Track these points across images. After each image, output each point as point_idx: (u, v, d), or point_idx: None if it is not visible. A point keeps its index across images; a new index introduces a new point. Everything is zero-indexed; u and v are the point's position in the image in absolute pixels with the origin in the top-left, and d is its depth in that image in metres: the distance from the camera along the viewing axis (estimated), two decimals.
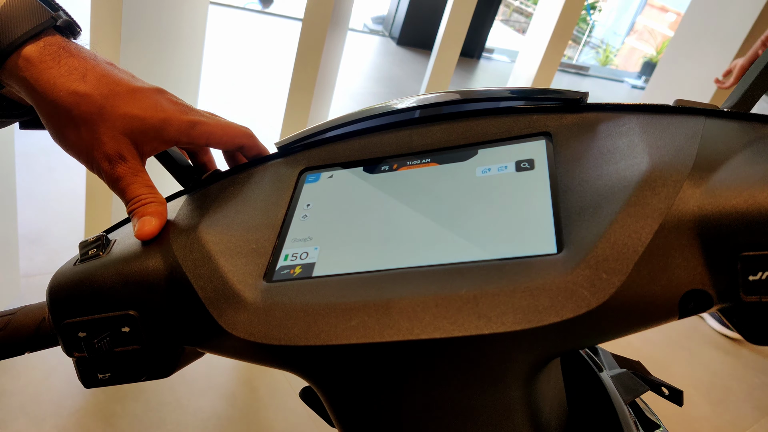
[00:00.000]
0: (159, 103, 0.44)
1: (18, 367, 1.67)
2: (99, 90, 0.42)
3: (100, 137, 0.42)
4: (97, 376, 0.44)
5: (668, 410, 2.04)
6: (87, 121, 0.42)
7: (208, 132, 0.46)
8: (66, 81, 0.41)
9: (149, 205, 0.44)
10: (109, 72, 0.44)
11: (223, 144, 0.48)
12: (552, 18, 2.70)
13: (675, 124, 0.37)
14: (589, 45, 12.06)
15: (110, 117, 0.42)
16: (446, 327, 0.32)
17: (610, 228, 0.32)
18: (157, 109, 0.44)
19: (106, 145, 0.42)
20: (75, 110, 0.41)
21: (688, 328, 2.67)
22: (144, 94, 0.44)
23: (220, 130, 0.47)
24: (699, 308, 0.31)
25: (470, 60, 7.59)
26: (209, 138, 0.47)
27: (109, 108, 0.42)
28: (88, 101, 0.41)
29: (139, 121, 0.43)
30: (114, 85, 0.43)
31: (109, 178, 0.44)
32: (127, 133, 0.43)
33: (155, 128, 0.44)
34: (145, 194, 0.45)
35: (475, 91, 0.46)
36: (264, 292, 0.39)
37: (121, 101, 0.43)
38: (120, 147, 0.43)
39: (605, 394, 0.44)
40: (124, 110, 0.42)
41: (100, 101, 0.42)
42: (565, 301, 0.31)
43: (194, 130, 0.45)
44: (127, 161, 0.43)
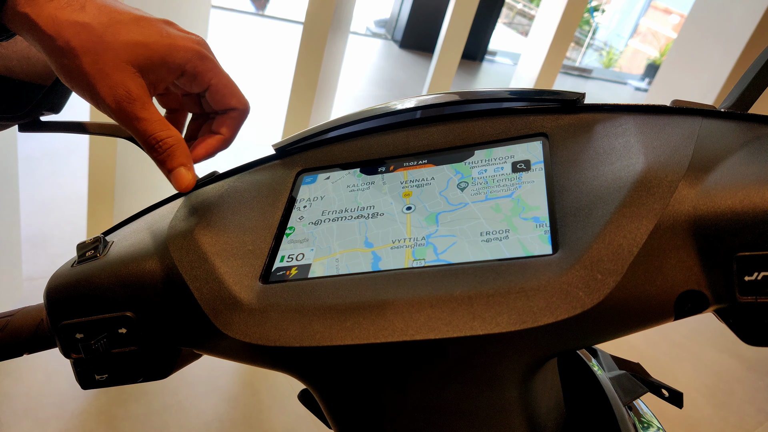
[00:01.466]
0: (165, 30, 0.42)
1: (20, 369, 1.67)
2: (99, 19, 0.40)
3: (102, 68, 0.40)
4: (94, 377, 0.44)
5: (670, 413, 2.04)
6: (88, 51, 0.40)
7: (214, 71, 0.44)
8: (65, 12, 0.39)
9: (172, 151, 0.43)
10: (111, 3, 0.42)
11: (222, 93, 0.46)
12: (554, 20, 2.70)
13: (671, 124, 0.37)
14: (593, 47, 12.06)
15: (112, 46, 0.40)
16: (441, 328, 0.32)
17: (605, 229, 0.32)
18: (162, 35, 0.42)
19: (110, 76, 0.40)
20: (74, 40, 0.39)
21: (690, 330, 2.66)
22: (149, 22, 0.42)
23: (226, 78, 0.45)
24: (695, 309, 0.31)
25: (473, 63, 7.60)
26: (212, 79, 0.44)
27: (110, 36, 0.40)
28: (88, 30, 0.40)
29: (144, 47, 0.41)
30: (115, 14, 0.41)
31: (116, 114, 0.42)
32: (132, 61, 0.41)
33: (161, 54, 0.41)
34: (159, 132, 0.43)
35: (472, 92, 0.46)
36: (260, 293, 0.39)
37: (124, 29, 0.40)
38: (125, 78, 0.41)
39: (603, 395, 0.44)
40: (126, 38, 0.40)
41: (100, 30, 0.40)
42: (560, 301, 0.31)
43: (202, 62, 0.43)
44: (132, 93, 0.41)
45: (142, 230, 0.46)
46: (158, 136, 0.43)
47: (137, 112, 0.41)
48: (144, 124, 0.42)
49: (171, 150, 0.43)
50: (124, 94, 0.41)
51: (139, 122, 0.42)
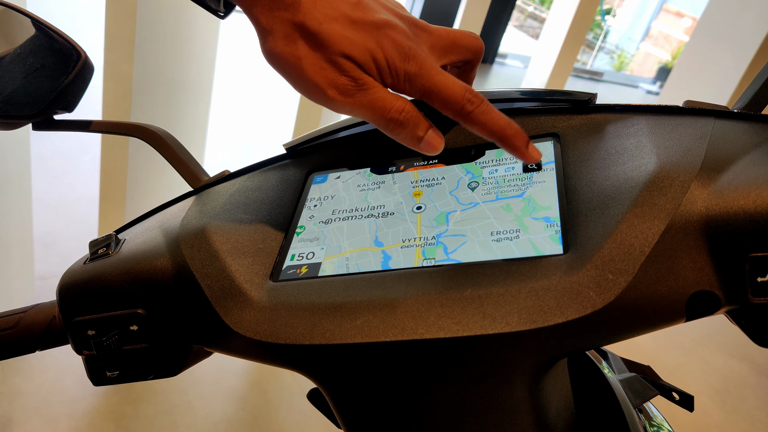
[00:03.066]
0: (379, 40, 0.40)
1: (32, 368, 1.68)
2: (313, 16, 0.39)
3: (316, 62, 0.39)
4: (105, 374, 0.44)
5: (681, 418, 2.02)
6: (302, 47, 0.39)
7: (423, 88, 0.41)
8: (279, 7, 0.39)
9: (415, 118, 0.41)
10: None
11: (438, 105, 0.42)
12: (565, 23, 2.69)
13: (684, 124, 0.37)
14: (604, 50, 12.01)
15: (326, 41, 0.39)
16: (451, 327, 0.32)
17: (617, 228, 0.32)
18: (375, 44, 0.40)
19: (325, 69, 0.40)
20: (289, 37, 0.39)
21: (701, 335, 2.64)
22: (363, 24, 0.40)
23: (437, 90, 0.41)
24: (707, 310, 0.31)
25: (483, 65, 7.59)
26: (423, 94, 0.41)
27: (324, 33, 0.39)
28: (301, 28, 0.39)
29: (358, 48, 0.40)
30: (330, 10, 0.40)
31: (339, 102, 0.40)
32: (345, 54, 0.40)
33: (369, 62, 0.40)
34: (396, 104, 0.40)
35: (484, 92, 0.46)
36: (270, 291, 0.39)
37: (337, 26, 0.40)
38: (341, 66, 0.40)
39: (613, 398, 0.44)
40: (342, 33, 0.39)
41: (314, 27, 0.39)
42: (570, 301, 0.31)
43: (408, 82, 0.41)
44: (353, 75, 0.40)
45: (154, 228, 0.46)
46: (398, 107, 0.40)
47: (369, 93, 0.40)
48: (380, 101, 0.40)
49: (414, 118, 0.41)
50: (347, 80, 0.39)
51: (374, 101, 0.40)
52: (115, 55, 1.58)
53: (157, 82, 1.71)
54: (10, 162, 1.59)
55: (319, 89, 0.40)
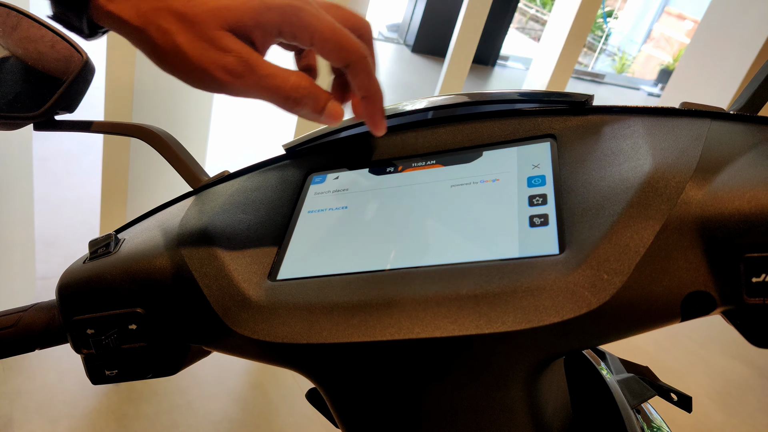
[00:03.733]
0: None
1: (33, 368, 1.69)
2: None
3: (197, 44, 0.37)
4: (104, 372, 0.44)
5: (682, 420, 2.02)
6: (178, 33, 0.37)
7: (312, 26, 0.38)
8: (145, 2, 0.37)
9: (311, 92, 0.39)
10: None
11: (326, 49, 0.39)
12: (566, 25, 2.70)
13: (680, 126, 0.37)
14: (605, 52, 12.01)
15: (199, 18, 0.36)
16: (447, 326, 0.33)
17: (612, 229, 0.32)
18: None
19: (209, 49, 0.37)
20: (163, 24, 0.37)
21: (702, 337, 2.64)
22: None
23: (330, 29, 0.39)
24: (702, 310, 0.31)
25: (484, 67, 7.59)
26: (313, 34, 0.39)
27: (195, 10, 0.37)
28: (172, 13, 0.37)
29: (233, 11, 0.37)
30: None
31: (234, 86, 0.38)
32: (224, 26, 0.37)
33: (252, 16, 0.37)
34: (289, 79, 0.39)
35: (481, 94, 0.46)
36: (268, 290, 0.39)
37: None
38: (226, 44, 0.37)
39: (611, 398, 0.44)
40: (212, 5, 0.37)
41: (182, 9, 0.36)
42: (565, 301, 0.31)
43: (296, 17, 0.38)
44: (242, 55, 0.37)
45: (154, 228, 0.47)
46: (293, 83, 0.38)
47: (257, 71, 0.38)
48: (269, 80, 0.38)
49: (312, 91, 0.39)
50: (234, 59, 0.37)
51: (265, 80, 0.38)
52: (117, 56, 1.59)
53: (158, 82, 1.71)
54: (12, 162, 1.60)
55: (208, 73, 0.37)
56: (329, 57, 0.40)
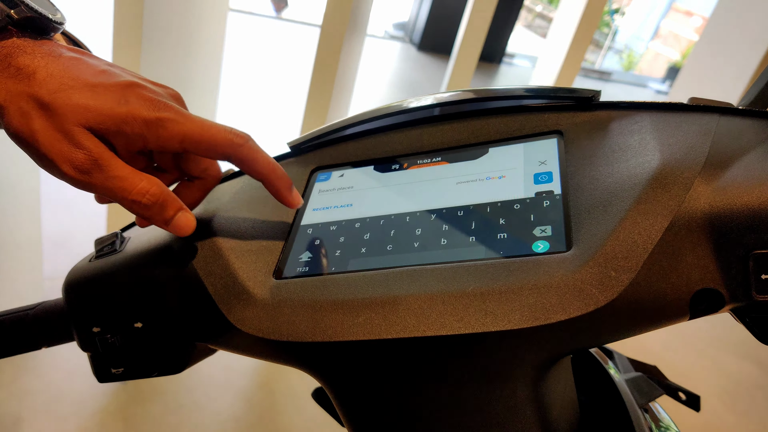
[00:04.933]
0: (123, 97, 0.38)
1: (41, 367, 1.69)
2: (47, 87, 0.37)
3: (52, 134, 0.37)
4: (110, 370, 0.44)
5: (690, 420, 2.01)
6: (36, 119, 0.37)
7: (181, 133, 0.38)
8: (14, 82, 0.37)
9: (162, 200, 0.39)
10: (68, 67, 0.38)
11: (203, 150, 0.40)
12: (572, 22, 2.68)
13: (688, 121, 0.37)
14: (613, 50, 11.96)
15: (60, 110, 0.36)
16: (453, 324, 0.32)
17: (620, 225, 0.32)
18: (118, 103, 0.38)
19: (62, 141, 0.37)
20: (25, 108, 0.37)
21: (711, 336, 2.62)
22: (105, 88, 0.38)
23: (198, 133, 0.39)
24: (711, 308, 0.31)
25: (491, 65, 7.57)
26: (183, 141, 0.39)
27: (59, 101, 0.36)
28: (36, 99, 0.37)
29: (95, 113, 0.37)
30: (68, 79, 0.37)
31: (80, 182, 0.38)
32: (83, 124, 0.37)
33: (116, 123, 0.37)
34: (139, 184, 0.38)
35: (487, 90, 0.46)
36: (273, 288, 0.39)
37: (75, 94, 0.37)
38: (79, 140, 0.37)
39: (619, 397, 0.44)
40: (76, 101, 0.37)
41: (47, 98, 0.36)
42: (573, 298, 0.31)
43: (163, 129, 0.38)
44: (92, 153, 0.37)
45: None
46: (141, 189, 0.38)
47: (105, 171, 0.37)
48: (118, 182, 0.38)
49: (161, 199, 0.39)
50: (83, 156, 0.37)
51: (112, 181, 0.38)
52: (123, 54, 1.59)
53: (164, 80, 1.71)
54: (19, 162, 1.61)
55: (54, 165, 0.37)
56: (207, 156, 0.40)
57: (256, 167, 0.41)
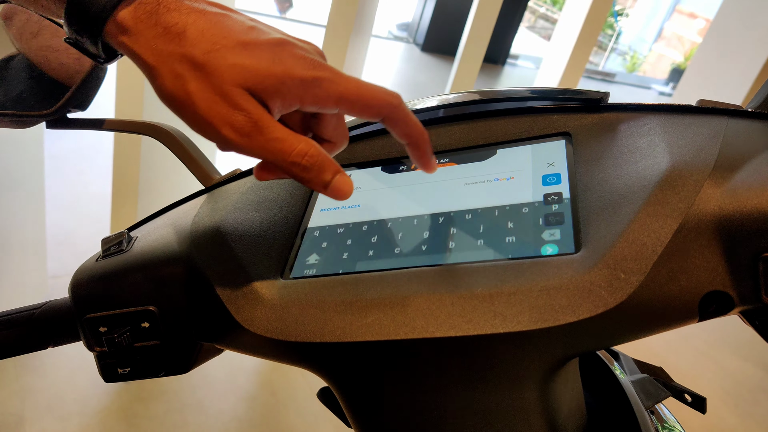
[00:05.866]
0: (277, 55, 0.37)
1: (44, 365, 1.70)
2: (200, 46, 0.35)
3: (209, 96, 0.35)
4: (117, 370, 0.44)
5: (694, 421, 2.00)
6: (191, 80, 0.35)
7: (338, 93, 0.37)
8: (163, 42, 0.35)
9: (320, 162, 0.37)
10: (217, 23, 0.37)
11: (357, 110, 0.38)
12: (577, 24, 2.68)
13: (697, 123, 0.37)
14: (616, 51, 11.94)
15: (216, 71, 0.35)
16: (461, 325, 0.32)
17: (629, 227, 0.32)
18: (273, 62, 0.36)
19: (220, 103, 0.35)
20: (178, 69, 0.35)
21: (715, 338, 2.62)
22: (258, 46, 0.36)
23: (355, 93, 0.38)
24: (720, 310, 0.31)
25: (495, 66, 7.57)
26: (339, 100, 0.37)
27: (213, 62, 0.35)
28: (190, 59, 0.35)
29: (253, 73, 0.36)
30: (219, 37, 0.36)
31: (241, 145, 0.36)
32: (242, 85, 0.36)
33: (273, 83, 0.36)
34: (299, 146, 0.37)
35: (495, 91, 0.46)
36: (281, 289, 0.39)
37: (228, 53, 0.36)
38: (238, 101, 0.35)
39: (625, 399, 0.44)
40: (232, 61, 0.35)
41: (200, 58, 0.35)
42: (582, 300, 0.31)
43: (319, 88, 0.37)
44: (252, 115, 0.36)
45: (166, 226, 0.47)
46: (301, 150, 0.37)
47: (265, 133, 0.36)
48: (278, 143, 0.36)
49: (320, 161, 0.37)
50: (243, 118, 0.35)
51: (272, 143, 0.36)
52: None
53: None
54: (24, 161, 1.61)
55: (213, 128, 0.36)
56: (361, 116, 0.39)
57: (407, 129, 0.39)
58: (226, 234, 0.43)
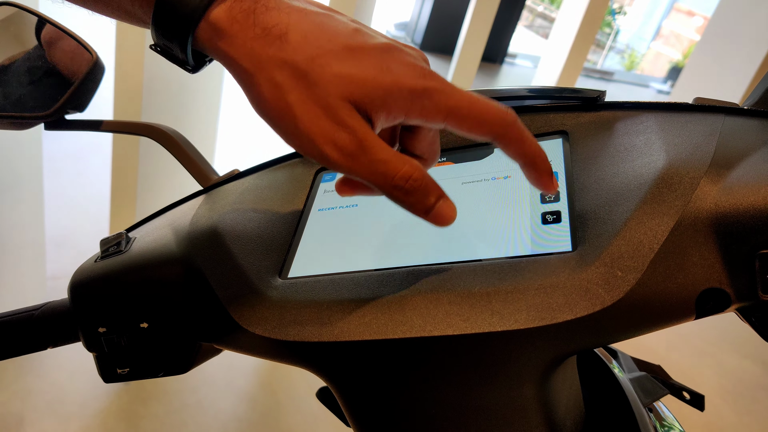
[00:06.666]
0: (385, 63, 0.33)
1: (44, 366, 1.70)
2: (304, 51, 0.32)
3: (310, 108, 0.32)
4: (116, 370, 0.44)
5: (693, 419, 2.01)
6: (292, 90, 0.32)
7: (448, 107, 0.33)
8: (262, 45, 0.33)
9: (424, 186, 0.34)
10: (320, 25, 0.34)
11: (467, 126, 0.34)
12: (575, 22, 2.68)
13: (693, 121, 0.37)
14: (614, 50, 11.95)
15: (321, 81, 0.32)
16: (459, 324, 0.32)
17: (626, 225, 0.32)
18: (381, 70, 0.33)
19: (322, 118, 0.32)
20: (277, 77, 0.32)
21: (714, 335, 2.62)
22: (365, 52, 0.33)
23: (467, 107, 0.34)
24: (717, 307, 0.31)
25: (493, 65, 7.57)
26: (448, 115, 0.34)
27: (317, 71, 0.32)
28: (292, 66, 0.32)
29: (359, 84, 0.32)
30: (324, 42, 0.33)
31: (343, 165, 0.33)
32: (347, 97, 0.32)
33: (382, 95, 0.33)
34: (403, 169, 0.33)
35: (492, 90, 0.46)
36: (279, 288, 0.39)
37: (334, 61, 0.33)
38: (343, 117, 0.32)
39: (623, 396, 0.44)
40: (338, 70, 0.32)
41: (304, 66, 0.32)
42: (579, 298, 0.31)
43: (429, 100, 0.33)
44: (357, 134, 0.32)
45: (165, 226, 0.47)
46: (405, 173, 0.33)
47: (369, 154, 0.33)
48: (382, 166, 0.33)
49: (423, 185, 0.34)
50: (348, 137, 0.32)
51: (376, 165, 0.33)
52: (126, 56, 1.59)
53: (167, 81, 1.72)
54: (23, 163, 1.61)
55: (315, 145, 0.33)
56: (471, 134, 0.35)
57: (524, 149, 0.35)
58: (225, 234, 0.43)
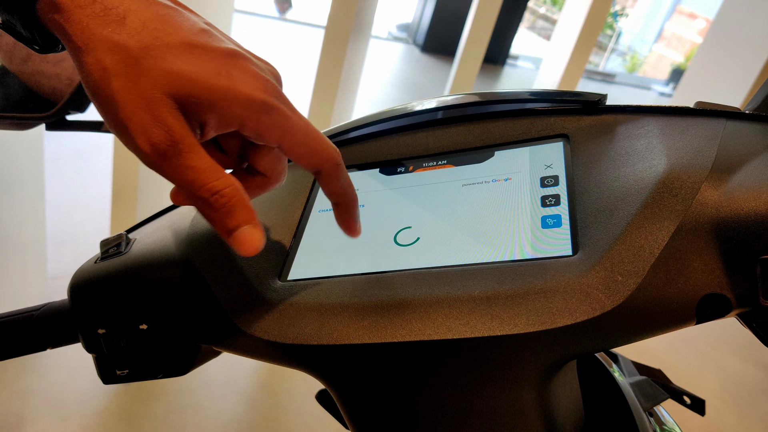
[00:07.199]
0: (225, 67, 0.32)
1: (44, 366, 1.70)
2: (140, 38, 0.31)
3: (133, 99, 0.30)
4: (115, 372, 0.44)
5: (693, 422, 2.00)
6: (118, 76, 0.30)
7: (284, 128, 0.33)
8: (98, 23, 0.31)
9: (232, 206, 0.32)
10: (164, 16, 0.32)
11: (297, 153, 0.35)
12: (577, 24, 2.68)
13: (695, 126, 0.37)
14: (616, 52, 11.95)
15: (149, 71, 0.30)
16: (458, 328, 0.32)
17: (626, 230, 0.32)
18: (218, 73, 0.32)
19: (143, 111, 0.30)
20: (106, 60, 0.30)
21: (715, 339, 2.62)
22: (205, 52, 0.32)
23: (303, 134, 0.34)
24: (717, 313, 0.31)
25: (494, 67, 7.57)
26: (282, 136, 0.34)
27: (149, 61, 0.30)
28: (124, 51, 0.30)
29: (188, 81, 0.31)
30: (163, 33, 0.31)
31: (152, 161, 0.31)
32: (172, 94, 0.31)
33: (211, 99, 0.31)
34: (214, 182, 0.32)
35: (493, 93, 0.46)
36: (279, 291, 0.39)
37: (170, 54, 0.31)
38: (162, 113, 0.31)
39: (623, 400, 0.44)
40: (169, 64, 0.31)
41: (137, 53, 0.30)
42: (579, 303, 0.31)
43: (267, 116, 0.33)
44: (173, 134, 0.31)
45: (164, 228, 0.47)
46: (213, 187, 0.32)
47: (182, 158, 0.31)
48: (191, 173, 0.31)
49: (230, 204, 0.32)
50: (162, 134, 0.31)
51: (185, 171, 0.31)
52: None
53: None
54: (24, 163, 1.61)
55: (131, 137, 0.31)
56: (298, 161, 0.35)
57: (342, 189, 0.37)
58: None
